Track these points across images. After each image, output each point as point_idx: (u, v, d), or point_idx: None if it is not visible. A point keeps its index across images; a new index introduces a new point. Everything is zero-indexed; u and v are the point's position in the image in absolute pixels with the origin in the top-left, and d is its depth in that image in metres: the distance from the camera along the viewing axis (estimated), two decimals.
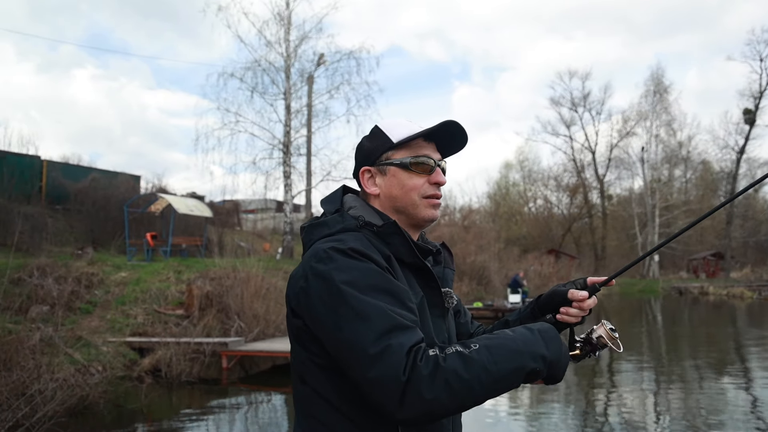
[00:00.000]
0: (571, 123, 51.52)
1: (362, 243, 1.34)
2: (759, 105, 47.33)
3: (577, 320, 1.50)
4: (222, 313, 12.39)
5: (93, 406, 7.87)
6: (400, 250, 1.40)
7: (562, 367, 1.32)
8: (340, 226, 1.41)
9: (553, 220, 52.05)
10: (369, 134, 1.54)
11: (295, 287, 1.35)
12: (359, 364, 1.19)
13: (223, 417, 8.39)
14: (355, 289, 1.25)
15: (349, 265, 1.28)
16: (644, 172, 47.30)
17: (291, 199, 23.57)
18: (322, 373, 1.33)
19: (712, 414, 7.88)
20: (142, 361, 10.38)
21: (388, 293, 1.27)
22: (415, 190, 1.46)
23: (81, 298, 12.53)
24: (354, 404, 1.30)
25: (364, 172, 1.51)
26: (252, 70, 23.65)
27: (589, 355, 1.46)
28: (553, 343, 1.29)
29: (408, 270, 1.41)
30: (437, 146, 1.51)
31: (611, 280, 1.51)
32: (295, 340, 1.39)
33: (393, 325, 1.20)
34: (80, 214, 19.93)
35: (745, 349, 14.29)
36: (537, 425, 7.54)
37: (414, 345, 1.19)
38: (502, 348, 1.23)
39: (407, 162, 1.46)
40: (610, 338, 1.44)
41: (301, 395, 1.39)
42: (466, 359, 1.19)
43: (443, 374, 1.16)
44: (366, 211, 1.47)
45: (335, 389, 1.32)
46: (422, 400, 1.15)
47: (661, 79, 49.31)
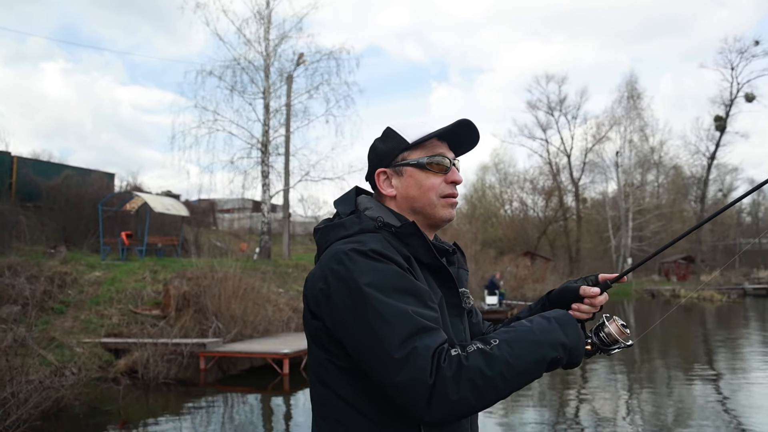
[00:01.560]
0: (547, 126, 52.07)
1: (382, 244, 1.34)
2: (729, 112, 48.46)
3: (589, 316, 1.52)
4: (199, 313, 12.27)
5: (68, 409, 7.74)
6: (419, 251, 1.40)
7: (581, 353, 1.33)
8: (357, 227, 1.40)
9: (528, 223, 52.52)
10: (381, 136, 1.54)
11: (314, 289, 1.34)
12: (385, 368, 1.19)
13: (201, 418, 8.32)
14: (378, 291, 1.24)
15: (371, 267, 1.27)
16: (618, 176, 48.05)
17: (269, 198, 23.42)
18: (342, 374, 1.33)
19: (682, 413, 8.05)
20: (118, 362, 10.24)
21: (410, 294, 1.27)
22: (433, 189, 1.46)
23: (54, 297, 12.29)
24: (375, 405, 1.30)
25: (380, 173, 1.50)
26: (231, 69, 23.46)
27: (599, 351, 1.46)
28: (570, 329, 1.31)
29: (426, 270, 1.41)
30: (450, 145, 1.51)
31: (623, 277, 1.53)
32: (313, 341, 1.38)
33: (417, 327, 1.21)
34: (52, 212, 19.54)
35: (714, 351, 14.62)
36: (511, 426, 7.61)
37: (438, 347, 1.19)
38: (522, 341, 1.24)
39: (424, 162, 1.46)
40: (621, 334, 1.43)
41: (320, 397, 1.38)
42: (488, 356, 1.20)
43: (467, 373, 1.17)
44: (383, 212, 1.46)
45: (356, 391, 1.31)
46: (449, 401, 1.16)
47: (634, 85, 50.18)
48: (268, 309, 13.59)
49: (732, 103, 48.31)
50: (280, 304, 14.44)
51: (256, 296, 13.64)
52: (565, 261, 45.21)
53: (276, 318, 13.50)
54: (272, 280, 16.24)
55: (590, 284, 1.53)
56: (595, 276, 1.55)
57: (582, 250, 48.66)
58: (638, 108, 49.42)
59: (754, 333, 18.26)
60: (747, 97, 47.74)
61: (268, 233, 22.98)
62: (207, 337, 11.45)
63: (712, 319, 23.35)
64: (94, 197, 19.91)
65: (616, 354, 1.49)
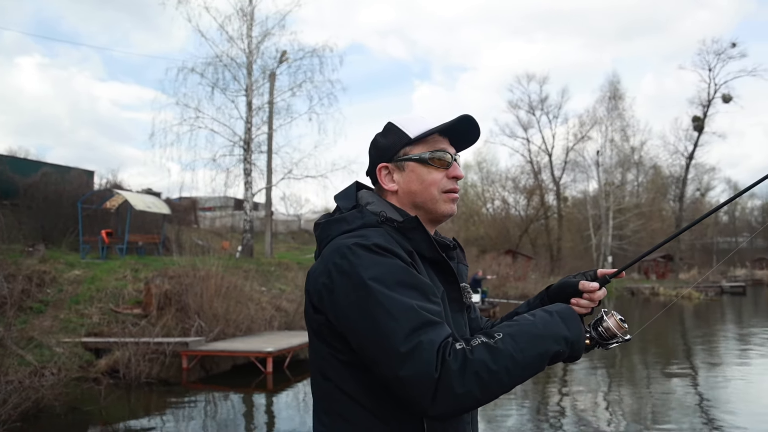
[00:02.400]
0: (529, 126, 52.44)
1: (385, 239, 1.34)
2: (707, 113, 49.24)
3: (587, 311, 1.53)
4: (181, 312, 12.17)
5: (48, 409, 7.64)
6: (422, 246, 1.40)
7: (582, 346, 1.35)
8: (360, 221, 1.41)
9: (510, 221, 52.86)
10: (383, 131, 1.54)
11: (317, 283, 1.34)
12: (390, 362, 1.20)
13: (184, 417, 8.26)
14: (382, 286, 1.24)
15: (375, 261, 1.27)
16: (599, 175, 48.56)
17: (251, 196, 23.29)
18: (345, 369, 1.33)
19: (660, 409, 8.18)
20: (99, 362, 10.12)
21: (414, 289, 1.27)
22: (435, 184, 1.47)
23: (33, 297, 12.11)
24: (379, 400, 1.30)
25: (382, 168, 1.51)
26: (213, 66, 23.29)
27: (597, 345, 1.47)
28: (572, 322, 1.33)
29: (428, 265, 1.41)
30: (451, 141, 1.52)
31: (621, 272, 1.55)
32: (315, 336, 1.38)
33: (422, 321, 1.21)
34: (30, 210, 19.22)
35: (692, 348, 14.85)
36: (494, 425, 7.67)
37: (443, 341, 1.20)
38: (525, 335, 1.25)
39: (426, 157, 1.47)
40: (620, 329, 1.44)
41: (322, 392, 1.38)
42: (492, 350, 1.20)
43: (472, 367, 1.18)
44: (385, 206, 1.47)
45: (359, 385, 1.32)
46: (454, 394, 1.17)
47: (617, 85, 50.76)
48: (250, 307, 13.53)
49: (709, 104, 49.12)
50: (262, 302, 14.38)
51: (238, 295, 13.56)
52: (546, 259, 45.59)
53: (259, 316, 13.44)
54: (255, 279, 16.16)
55: (589, 279, 1.55)
56: (594, 271, 1.57)
57: (563, 249, 49.10)
58: (619, 108, 50.03)
59: (730, 330, 18.58)
60: (724, 98, 48.55)
61: (251, 231, 22.87)
62: (189, 336, 11.36)
63: (690, 316, 23.71)
64: (73, 195, 19.63)
65: (596, 354, 1.51)
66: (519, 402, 8.86)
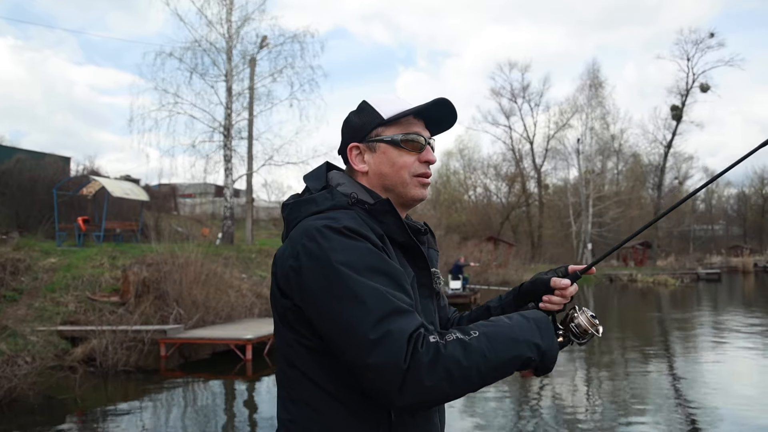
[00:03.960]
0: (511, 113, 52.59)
1: (356, 221, 1.30)
2: (685, 102, 49.78)
3: (559, 308, 1.51)
4: (160, 300, 12.04)
5: (22, 398, 7.52)
6: (393, 229, 1.36)
7: (554, 358, 1.33)
8: (330, 203, 1.36)
9: (492, 208, 53.12)
10: (357, 109, 1.50)
11: (284, 266, 1.29)
12: (358, 349, 1.16)
13: (162, 405, 8.19)
14: (352, 270, 1.20)
15: (345, 245, 1.23)
16: (579, 163, 48.94)
17: (232, 183, 23.06)
18: (311, 355, 1.29)
19: (639, 394, 8.29)
20: (75, 350, 9.99)
21: (384, 274, 1.23)
22: (406, 168, 1.43)
23: (6, 285, 11.89)
24: (346, 388, 1.26)
25: (352, 148, 1.46)
26: (192, 51, 22.88)
27: (571, 342, 1.47)
28: (546, 332, 1.30)
29: (399, 249, 1.38)
30: (426, 124, 1.48)
31: (591, 268, 1.53)
32: (281, 320, 1.33)
33: (392, 309, 1.17)
34: (4, 197, 18.87)
35: (668, 333, 15.09)
36: (473, 412, 7.72)
37: (414, 331, 1.16)
38: (501, 336, 1.22)
39: (398, 139, 1.43)
40: (591, 325, 1.45)
41: (288, 379, 1.34)
42: (466, 347, 1.17)
43: (444, 362, 1.15)
44: (356, 188, 1.42)
45: (325, 372, 1.28)
46: (422, 387, 1.13)
47: (597, 73, 50.98)
48: (230, 295, 13.43)
49: (688, 94, 49.69)
50: (243, 289, 14.28)
51: (218, 282, 13.45)
52: (527, 246, 45.94)
53: (239, 304, 13.35)
54: (235, 266, 16.04)
55: (560, 276, 1.52)
56: (565, 267, 1.55)
57: (544, 236, 49.52)
58: (600, 96, 50.31)
59: (706, 317, 18.91)
60: (702, 87, 49.12)
61: (231, 218, 22.67)
62: (168, 324, 11.25)
63: (666, 303, 24.09)
64: (48, 181, 19.30)
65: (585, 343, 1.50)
66: (498, 387, 8.93)
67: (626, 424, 6.76)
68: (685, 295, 27.08)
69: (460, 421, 7.17)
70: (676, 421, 6.87)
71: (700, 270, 40.73)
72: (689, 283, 34.44)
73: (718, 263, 47.74)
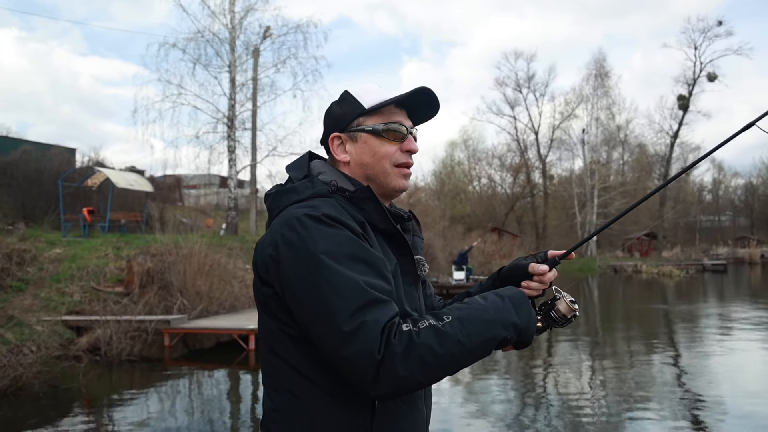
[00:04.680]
0: (515, 104, 52.40)
1: (336, 209, 1.30)
2: (692, 92, 49.40)
3: (538, 293, 1.50)
4: (164, 290, 12.10)
5: (27, 387, 7.59)
6: (374, 216, 1.36)
7: (532, 333, 1.33)
8: (310, 191, 1.36)
9: (496, 199, 53.04)
10: (338, 99, 1.49)
11: (264, 255, 1.29)
12: (333, 340, 1.17)
13: (166, 395, 8.24)
14: (331, 259, 1.20)
15: (324, 233, 1.23)
16: (584, 153, 48.72)
17: (235, 174, 23.12)
18: (293, 344, 1.29)
19: (643, 385, 8.30)
20: (80, 339, 10.06)
21: (364, 262, 1.23)
22: (387, 157, 1.43)
23: (12, 275, 11.97)
24: (328, 376, 1.26)
25: (334, 138, 1.46)
26: (195, 41, 22.90)
27: (551, 327, 1.47)
28: (523, 309, 1.30)
29: (381, 237, 1.38)
30: (409, 113, 1.48)
31: (570, 253, 1.52)
32: (263, 309, 1.34)
33: (368, 300, 1.17)
34: (10, 188, 18.98)
35: (673, 324, 15.07)
36: (476, 400, 7.74)
37: (389, 321, 1.17)
38: (475, 320, 1.22)
39: (379, 129, 1.42)
40: (570, 310, 1.45)
41: (271, 368, 1.34)
42: (439, 333, 1.17)
43: (417, 350, 1.15)
44: (337, 176, 1.42)
45: (308, 360, 1.28)
46: (397, 377, 1.14)
47: (602, 63, 50.66)
48: (234, 285, 13.48)
49: (695, 83, 49.27)
50: (246, 280, 14.33)
51: (222, 272, 13.51)
52: (532, 237, 45.91)
53: (242, 294, 13.40)
54: (239, 256, 16.10)
55: (539, 261, 1.51)
56: (544, 253, 1.54)
57: (548, 227, 49.43)
58: (605, 86, 50.01)
59: (711, 307, 18.87)
60: (709, 76, 48.69)
61: (235, 209, 22.73)
62: (171, 314, 11.32)
63: (672, 293, 24.04)
64: (54, 173, 19.40)
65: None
66: (501, 376, 8.95)
67: (630, 416, 6.76)
68: (690, 286, 27.02)
69: (462, 409, 7.19)
70: (680, 413, 6.87)
71: (706, 261, 40.58)
72: (694, 274, 34.32)
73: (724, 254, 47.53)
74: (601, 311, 18.39)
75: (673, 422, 6.45)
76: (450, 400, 7.67)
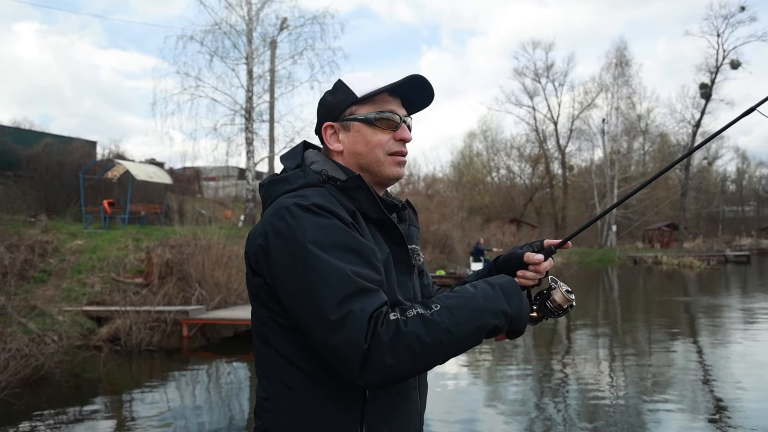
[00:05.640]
0: (534, 93, 51.95)
1: (326, 198, 1.29)
2: (715, 80, 48.51)
3: (534, 283, 1.49)
4: (182, 281, 12.23)
5: (49, 376, 7.72)
6: (366, 205, 1.36)
7: (524, 321, 1.32)
8: (302, 181, 1.36)
9: (515, 190, 52.73)
10: (332, 88, 1.48)
11: (254, 245, 1.30)
12: (320, 329, 1.17)
13: (185, 384, 8.34)
14: (318, 248, 1.20)
15: (313, 223, 1.23)
16: (604, 143, 48.15)
17: (253, 166, 23.24)
18: (284, 333, 1.29)
19: (662, 376, 8.20)
20: (100, 330, 10.21)
21: (352, 251, 1.23)
22: (380, 146, 1.41)
23: (35, 266, 12.19)
24: (319, 365, 1.26)
25: (327, 127, 1.46)
26: (212, 34, 23.02)
27: (546, 317, 1.46)
28: (514, 297, 1.29)
29: (373, 226, 1.37)
30: (403, 102, 1.46)
31: (567, 242, 1.50)
32: (255, 299, 1.34)
33: (355, 289, 1.17)
34: (33, 181, 19.30)
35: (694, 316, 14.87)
36: (495, 390, 7.72)
37: (376, 310, 1.16)
38: (464, 308, 1.21)
39: (372, 117, 1.41)
40: (566, 301, 1.44)
41: (263, 357, 1.34)
42: (427, 322, 1.17)
43: (405, 339, 1.14)
44: (328, 165, 1.42)
45: (299, 350, 1.28)
46: (384, 365, 1.14)
47: (623, 51, 49.95)
48: None
49: (717, 71, 48.38)
50: None
51: (240, 263, 13.59)
52: (551, 228, 45.58)
53: None
54: None
55: (535, 250, 1.50)
56: (541, 242, 1.53)
57: (567, 217, 49.04)
58: (626, 75, 49.30)
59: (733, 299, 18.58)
60: (732, 64, 47.75)
61: (253, 201, 22.87)
62: (190, 305, 11.44)
63: (691, 285, 23.72)
64: (75, 165, 19.66)
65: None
66: (520, 368, 8.91)
67: (650, 407, 6.69)
68: (711, 277, 26.63)
69: (479, 400, 7.18)
70: (701, 405, 6.78)
71: (729, 252, 39.96)
72: (715, 265, 33.81)
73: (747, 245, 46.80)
74: (621, 302, 18.21)
75: (693, 414, 6.37)
76: (469, 387, 7.67)
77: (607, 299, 19.00)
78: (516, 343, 10.90)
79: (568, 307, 1.45)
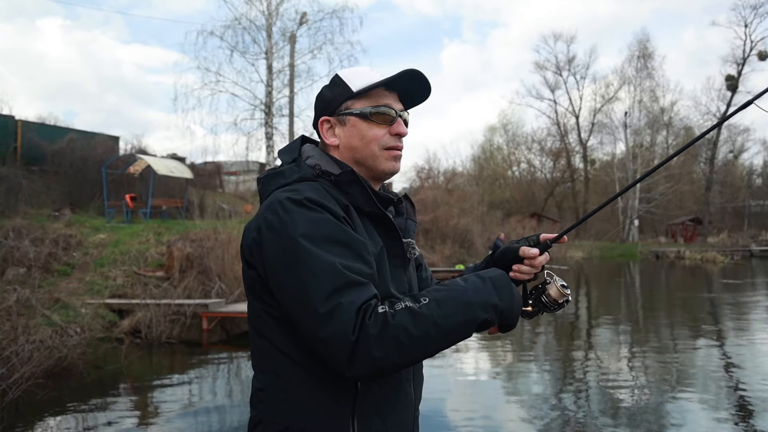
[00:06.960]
0: (556, 87, 51.42)
1: (319, 193, 1.31)
2: (742, 71, 47.53)
3: (530, 277, 1.49)
4: (203, 274, 12.34)
5: (72, 367, 7.84)
6: (359, 199, 1.36)
7: (515, 315, 1.31)
8: (296, 175, 1.38)
9: (536, 184, 52.32)
10: (329, 83, 1.50)
11: (248, 239, 1.32)
12: (310, 322, 1.18)
13: (205, 377, 8.42)
14: (309, 242, 1.21)
15: (305, 217, 1.24)
16: (626, 137, 47.54)
17: (273, 160, 23.35)
18: (278, 325, 1.30)
19: (685, 372, 8.08)
20: (122, 322, 10.34)
21: (343, 245, 1.24)
22: (376, 141, 1.42)
23: (59, 260, 12.39)
24: (312, 358, 1.27)
25: (324, 122, 1.47)
26: (232, 29, 23.13)
27: (541, 312, 1.46)
28: (504, 290, 1.28)
29: (368, 220, 1.38)
30: (399, 96, 1.46)
31: (562, 237, 1.51)
32: (249, 292, 1.36)
33: (344, 282, 1.18)
34: (57, 176, 19.61)
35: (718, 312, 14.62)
36: (516, 385, 7.67)
37: (364, 303, 1.17)
38: (452, 300, 1.22)
39: (367, 112, 1.42)
40: (561, 295, 1.43)
41: (258, 349, 1.36)
42: (415, 315, 1.17)
43: (392, 332, 1.15)
44: (323, 159, 1.43)
45: (292, 342, 1.29)
46: (371, 358, 1.14)
47: (645, 43, 49.19)
48: None
49: (744, 62, 47.39)
50: None
51: None
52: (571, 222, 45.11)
53: None
54: None
55: (531, 245, 1.49)
56: (537, 236, 1.53)
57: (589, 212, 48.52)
58: (649, 68, 48.57)
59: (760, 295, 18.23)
60: (760, 55, 46.72)
61: None
62: (210, 298, 11.53)
63: (717, 280, 23.33)
64: (98, 160, 19.93)
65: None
66: (540, 364, 8.84)
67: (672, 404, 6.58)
68: (735, 272, 26.15)
69: (499, 395, 7.14)
70: (724, 401, 6.66)
71: (754, 247, 39.20)
72: (739, 260, 33.20)
73: None
74: (643, 297, 17.97)
75: (716, 412, 6.25)
76: (491, 381, 7.63)
77: (628, 294, 18.76)
78: (535, 338, 10.82)
79: (564, 302, 1.44)
